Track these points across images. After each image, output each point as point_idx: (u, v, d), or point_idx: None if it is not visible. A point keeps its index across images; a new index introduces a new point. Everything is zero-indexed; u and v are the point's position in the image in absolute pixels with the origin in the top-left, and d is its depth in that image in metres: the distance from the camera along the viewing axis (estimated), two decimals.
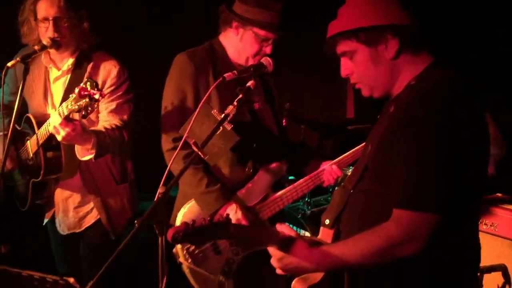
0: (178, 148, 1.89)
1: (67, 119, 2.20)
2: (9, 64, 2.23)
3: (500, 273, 2.80)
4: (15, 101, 2.33)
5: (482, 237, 1.66)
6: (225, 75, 2.01)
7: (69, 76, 2.55)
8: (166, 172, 1.81)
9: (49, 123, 2.33)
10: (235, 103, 1.97)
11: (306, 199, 3.99)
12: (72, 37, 2.47)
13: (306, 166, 2.67)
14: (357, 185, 1.66)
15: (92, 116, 2.52)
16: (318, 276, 1.73)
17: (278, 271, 1.61)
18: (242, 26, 2.38)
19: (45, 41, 2.39)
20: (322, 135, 4.76)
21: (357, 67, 1.64)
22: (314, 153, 4.34)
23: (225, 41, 2.48)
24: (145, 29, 4.10)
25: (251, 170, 2.45)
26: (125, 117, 2.53)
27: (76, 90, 2.07)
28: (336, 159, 2.60)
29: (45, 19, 2.40)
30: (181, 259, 2.34)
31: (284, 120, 3.95)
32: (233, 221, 2.21)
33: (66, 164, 2.56)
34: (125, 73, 2.56)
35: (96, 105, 2.10)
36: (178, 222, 2.39)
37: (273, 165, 2.49)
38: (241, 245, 1.67)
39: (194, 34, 2.61)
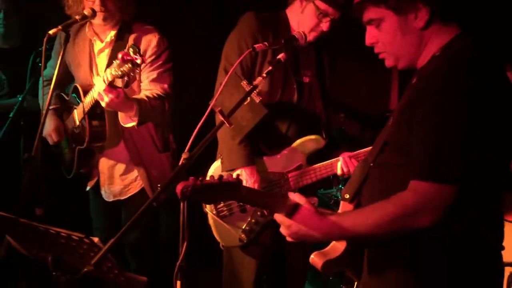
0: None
1: (111, 86, 2.28)
2: (50, 31, 2.29)
3: None
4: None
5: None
6: (256, 45, 2.01)
7: (111, 47, 2.64)
8: (192, 137, 1.82)
9: (94, 90, 2.41)
10: (264, 74, 1.98)
11: (340, 186, 3.94)
12: (116, 9, 2.55)
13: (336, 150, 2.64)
14: (377, 158, 1.63)
15: (134, 86, 2.59)
16: (337, 251, 1.72)
17: (288, 239, 1.60)
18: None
19: (86, 11, 2.47)
20: (363, 126, 4.68)
21: (384, 35, 1.60)
22: (350, 142, 4.27)
23: (290, 14, 2.52)
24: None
25: (290, 135, 2.47)
26: (166, 86, 2.58)
27: (120, 55, 2.14)
28: (354, 153, 2.54)
29: None
30: (207, 209, 2.40)
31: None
32: (249, 185, 2.25)
33: (110, 132, 2.65)
34: (164, 42, 2.62)
35: (138, 71, 2.16)
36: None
37: (312, 137, 2.52)
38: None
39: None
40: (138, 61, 2.11)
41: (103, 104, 2.34)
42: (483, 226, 1.53)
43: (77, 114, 2.68)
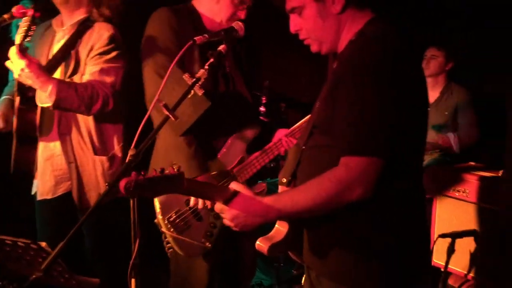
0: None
1: (22, 51, 2.16)
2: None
3: (472, 238, 2.87)
4: None
5: (455, 204, 1.72)
6: (196, 38, 1.99)
7: (66, 37, 2.53)
8: (137, 133, 1.80)
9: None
10: (206, 66, 1.95)
11: None
12: None
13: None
14: (308, 142, 1.74)
15: (76, 78, 2.48)
16: (281, 234, 1.80)
17: (234, 228, 1.67)
18: None
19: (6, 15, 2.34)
20: (304, 114, 4.78)
21: (306, 22, 1.71)
22: None
23: (200, 5, 2.45)
24: None
25: (226, 128, 2.42)
26: (106, 82, 2.45)
27: (14, 9, 2.11)
28: (290, 130, 2.59)
29: None
30: (164, 229, 2.34)
31: (263, 98, 3.96)
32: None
33: (45, 123, 2.52)
34: (118, 41, 2.50)
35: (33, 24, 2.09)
36: (156, 204, 2.35)
37: (247, 128, 2.50)
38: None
39: None
40: (29, 13, 2.09)
41: (15, 75, 2.23)
42: (407, 198, 1.65)
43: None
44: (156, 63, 2.31)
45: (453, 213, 3.04)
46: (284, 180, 1.80)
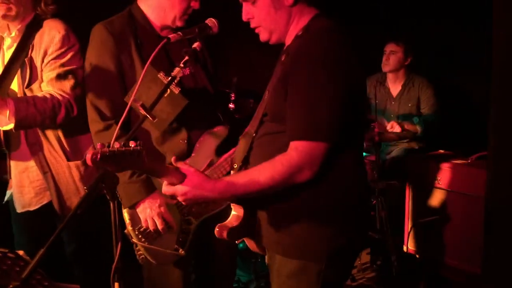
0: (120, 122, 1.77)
1: None
2: None
3: (445, 224, 2.95)
4: None
5: (427, 191, 1.77)
6: (170, 36, 1.96)
7: (16, 44, 2.41)
8: (114, 136, 1.76)
9: None
10: (181, 64, 1.93)
11: None
12: (20, 4, 2.33)
13: None
14: (258, 130, 1.86)
15: (35, 86, 2.40)
16: (238, 220, 1.90)
17: (184, 203, 1.77)
18: None
19: None
20: None
21: (259, 11, 1.81)
22: None
23: (145, 5, 2.31)
24: None
25: (186, 141, 2.31)
26: (66, 87, 2.36)
27: None
28: None
29: None
30: (134, 240, 2.29)
31: (232, 95, 3.93)
32: (154, 214, 2.23)
33: (11, 137, 2.44)
34: (71, 40, 2.39)
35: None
36: (125, 215, 2.30)
37: (214, 129, 2.40)
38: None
39: None
40: None
41: None
42: (348, 172, 1.79)
43: None
44: (93, 95, 2.26)
45: (425, 200, 3.12)
46: (235, 165, 1.90)
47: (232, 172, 1.93)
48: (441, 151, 3.46)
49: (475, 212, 2.91)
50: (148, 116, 1.83)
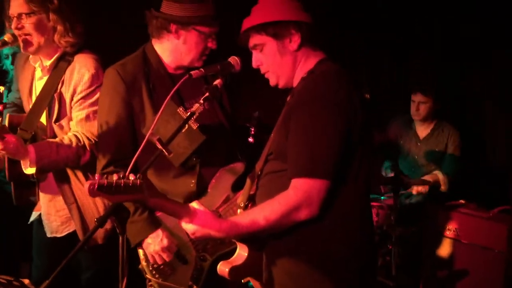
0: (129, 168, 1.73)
1: None
2: None
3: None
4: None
5: (445, 242, 1.71)
6: (192, 72, 1.97)
7: (47, 77, 2.45)
8: (130, 167, 1.75)
9: None
10: (201, 101, 1.92)
11: None
12: (41, 35, 2.35)
13: None
14: (263, 169, 1.91)
15: (64, 122, 2.42)
16: (241, 259, 1.93)
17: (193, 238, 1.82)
18: (183, 27, 2.22)
19: (6, 37, 2.32)
20: None
21: (266, 58, 1.90)
22: None
23: (161, 48, 2.30)
24: None
25: (195, 183, 2.29)
26: (94, 129, 2.36)
27: None
28: None
29: (11, 16, 2.33)
30: (148, 275, 2.26)
31: (252, 129, 3.91)
32: (159, 249, 2.21)
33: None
34: (100, 78, 2.38)
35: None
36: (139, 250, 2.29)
37: (231, 165, 2.38)
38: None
39: None
40: None
41: None
42: (353, 213, 1.80)
43: None
44: (102, 137, 2.28)
45: (443, 251, 3.02)
46: (242, 204, 1.95)
47: (239, 210, 1.97)
48: (462, 201, 3.37)
49: (494, 267, 2.81)
50: (164, 150, 1.81)
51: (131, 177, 1.56)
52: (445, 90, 4.30)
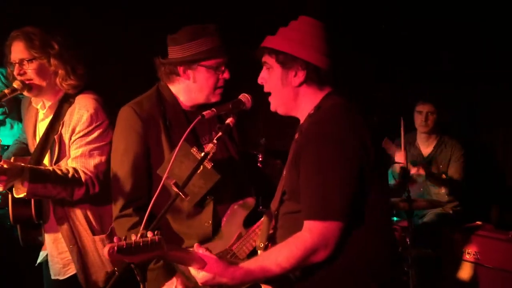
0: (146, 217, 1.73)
1: None
2: None
3: None
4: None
5: (464, 266, 1.68)
6: (204, 113, 1.96)
7: (49, 118, 2.47)
8: (147, 212, 1.73)
9: None
10: (214, 140, 1.91)
11: None
12: (43, 79, 2.38)
13: None
14: (279, 208, 1.89)
15: (63, 163, 2.42)
16: None
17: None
18: (189, 67, 2.22)
19: (15, 84, 2.33)
20: None
21: (270, 80, 1.90)
22: None
23: (174, 89, 2.30)
24: None
25: (210, 225, 2.26)
26: (89, 165, 2.37)
27: None
28: None
29: (13, 62, 2.37)
30: None
31: (260, 156, 3.90)
32: None
33: (43, 207, 2.46)
34: (99, 118, 2.40)
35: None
36: None
37: (241, 201, 2.35)
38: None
39: None
40: None
41: None
42: (371, 252, 1.77)
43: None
44: (117, 178, 2.25)
45: (461, 274, 2.97)
46: (262, 245, 1.93)
47: (259, 251, 1.93)
48: (479, 222, 3.33)
49: None
50: (181, 194, 1.80)
51: (149, 234, 1.54)
52: (451, 103, 4.28)
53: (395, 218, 4.04)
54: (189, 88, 2.26)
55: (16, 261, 3.22)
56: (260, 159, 3.96)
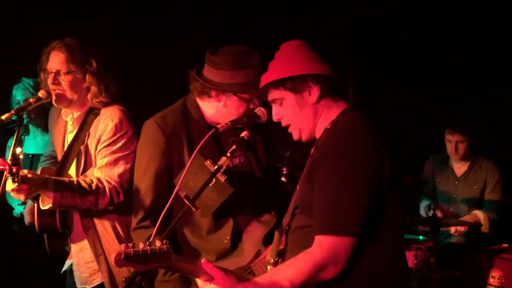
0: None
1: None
2: (3, 117, 2.20)
3: None
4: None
5: None
6: (218, 126, 1.98)
7: (75, 130, 2.52)
8: (158, 223, 1.77)
9: None
10: (228, 154, 1.92)
11: None
12: (75, 93, 2.44)
13: None
14: (291, 223, 1.87)
15: (89, 173, 2.47)
16: None
17: None
18: (223, 93, 2.21)
19: (40, 93, 2.38)
20: None
21: (286, 111, 1.88)
22: None
23: (203, 104, 2.30)
24: None
25: (229, 241, 2.25)
26: (114, 174, 2.41)
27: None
28: None
29: (49, 71, 2.41)
30: None
31: (284, 169, 3.89)
32: None
33: (69, 219, 2.51)
34: (124, 127, 2.44)
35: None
36: None
37: (262, 218, 2.33)
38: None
39: None
40: (5, 172, 2.08)
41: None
42: (380, 269, 1.74)
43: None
44: (139, 191, 2.28)
45: None
46: (272, 260, 1.93)
47: (268, 267, 1.93)
48: (505, 245, 3.20)
49: None
50: (191, 206, 1.81)
51: (158, 243, 1.55)
52: (478, 126, 4.18)
53: (420, 237, 3.95)
54: (218, 109, 2.26)
55: (16, 255, 3.28)
56: (285, 172, 3.95)
